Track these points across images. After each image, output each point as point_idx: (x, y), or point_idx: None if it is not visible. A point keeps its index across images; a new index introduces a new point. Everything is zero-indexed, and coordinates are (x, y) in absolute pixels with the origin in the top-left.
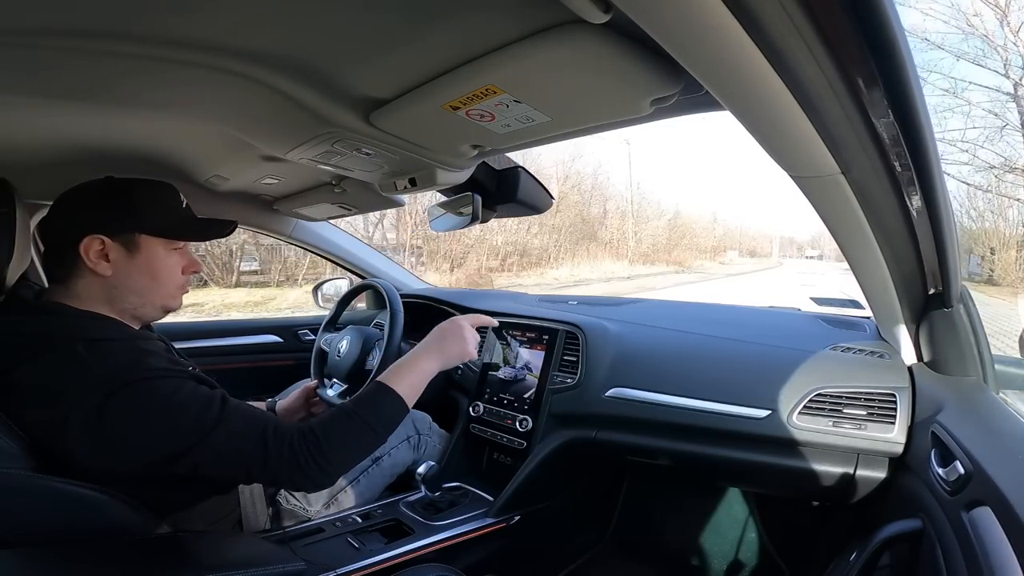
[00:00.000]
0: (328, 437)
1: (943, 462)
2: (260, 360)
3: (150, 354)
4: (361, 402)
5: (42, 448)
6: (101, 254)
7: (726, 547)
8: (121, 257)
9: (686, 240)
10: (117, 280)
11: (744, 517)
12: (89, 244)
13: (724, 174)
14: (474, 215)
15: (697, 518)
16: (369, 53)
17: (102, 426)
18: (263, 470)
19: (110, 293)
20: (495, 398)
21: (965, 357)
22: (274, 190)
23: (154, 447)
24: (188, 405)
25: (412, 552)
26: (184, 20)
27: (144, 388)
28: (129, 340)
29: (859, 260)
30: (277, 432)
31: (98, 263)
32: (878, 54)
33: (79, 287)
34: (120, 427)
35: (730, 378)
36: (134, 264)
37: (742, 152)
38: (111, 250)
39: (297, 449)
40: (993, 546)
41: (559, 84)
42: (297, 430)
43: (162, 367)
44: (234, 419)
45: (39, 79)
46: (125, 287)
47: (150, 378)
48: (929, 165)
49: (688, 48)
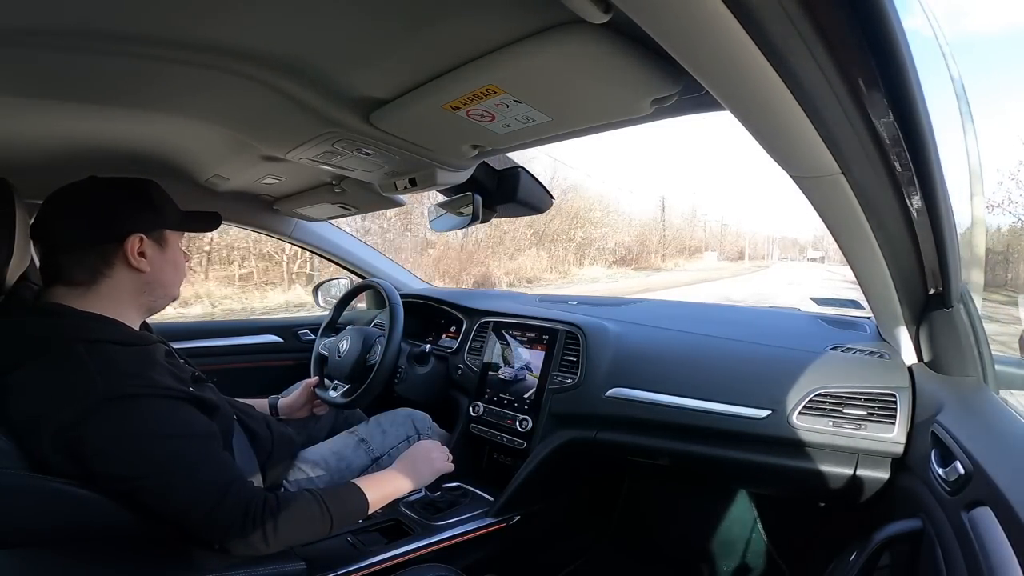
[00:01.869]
0: (288, 512)
1: (943, 462)
2: (260, 360)
3: (153, 366)
4: (331, 494)
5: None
6: (140, 252)
7: (726, 547)
8: (156, 253)
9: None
10: (152, 276)
11: (744, 517)
12: (133, 244)
13: (709, 170)
14: (474, 215)
15: (697, 518)
16: (369, 53)
17: (75, 434)
18: (202, 520)
19: (141, 288)
20: (495, 398)
21: (965, 357)
22: (274, 190)
23: (111, 466)
24: (165, 440)
25: (412, 552)
26: (184, 21)
27: (131, 406)
28: (132, 345)
29: (859, 260)
30: (242, 490)
31: (140, 261)
32: (878, 54)
33: (102, 287)
34: (92, 439)
35: (730, 378)
36: (165, 258)
37: (739, 151)
38: (148, 247)
39: (252, 511)
40: (993, 546)
41: (559, 84)
42: (261, 496)
43: (163, 384)
44: (206, 464)
45: (40, 79)
46: (157, 281)
47: (144, 395)
48: (929, 165)
49: (688, 48)
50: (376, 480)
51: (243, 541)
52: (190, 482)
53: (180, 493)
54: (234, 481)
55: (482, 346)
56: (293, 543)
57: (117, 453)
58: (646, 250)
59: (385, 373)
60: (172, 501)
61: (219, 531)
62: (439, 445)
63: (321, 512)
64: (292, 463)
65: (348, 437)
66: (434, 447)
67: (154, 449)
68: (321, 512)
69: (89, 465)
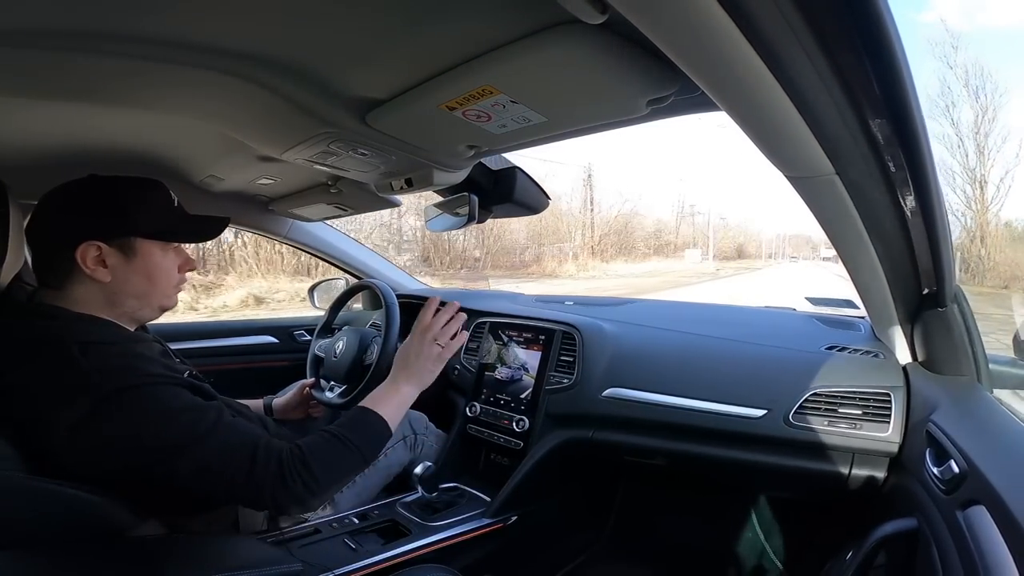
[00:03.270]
0: (315, 456)
1: (938, 461)
2: (256, 361)
3: (146, 359)
4: (346, 425)
5: (32, 450)
6: (98, 260)
7: (722, 547)
8: (119, 262)
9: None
10: (116, 285)
11: (740, 517)
12: (86, 251)
13: (703, 159)
14: (470, 215)
15: (693, 518)
16: (366, 53)
17: (90, 431)
18: (246, 485)
19: (109, 298)
20: (492, 398)
21: (959, 356)
22: (270, 190)
23: (138, 454)
24: (179, 414)
25: (409, 553)
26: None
27: (137, 394)
28: (124, 343)
29: (854, 260)
30: (268, 448)
31: (96, 270)
32: (872, 55)
33: (76, 292)
34: (109, 432)
35: (726, 378)
36: (132, 268)
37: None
38: (108, 256)
39: (286, 465)
40: (988, 545)
41: (556, 84)
42: (287, 447)
43: (157, 373)
44: (225, 432)
45: (34, 79)
46: (124, 292)
47: (144, 384)
48: (923, 165)
49: (684, 49)
50: (380, 395)
51: (289, 494)
52: (220, 447)
53: (214, 461)
54: (259, 438)
55: (479, 346)
56: (337, 484)
57: (141, 435)
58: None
59: (381, 373)
60: (212, 470)
61: (265, 489)
62: (428, 324)
63: (347, 447)
64: None
65: None
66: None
67: (174, 423)
68: (347, 447)
69: (114, 461)
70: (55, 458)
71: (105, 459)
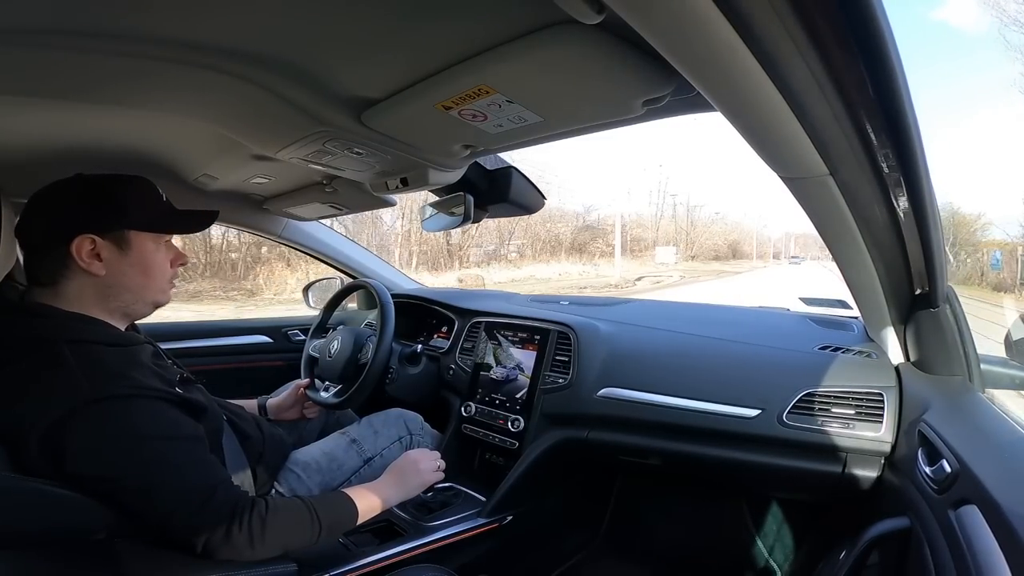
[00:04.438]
0: (277, 517)
1: (930, 461)
2: (249, 361)
3: (138, 366)
4: (322, 502)
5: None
6: (93, 254)
7: (717, 547)
8: (113, 255)
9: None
10: (111, 279)
11: (735, 516)
12: (80, 245)
13: (697, 148)
14: (466, 215)
15: (688, 518)
16: (361, 52)
17: (65, 429)
18: (187, 523)
19: (103, 292)
20: (487, 398)
21: (951, 357)
22: (264, 189)
23: (93, 466)
24: (147, 441)
25: (404, 553)
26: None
27: (115, 407)
28: (117, 345)
29: (847, 261)
30: (227, 492)
31: (91, 263)
32: (866, 56)
33: (68, 289)
34: (77, 437)
35: (720, 378)
36: (127, 261)
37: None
38: (103, 249)
39: (239, 513)
40: (980, 544)
41: (552, 84)
42: (250, 498)
43: (145, 385)
44: (188, 470)
45: (26, 78)
46: (119, 285)
47: (130, 396)
48: (916, 167)
49: (680, 49)
50: (366, 490)
51: (227, 545)
52: (174, 484)
53: (163, 495)
54: (220, 484)
55: (474, 346)
56: (280, 549)
57: (100, 454)
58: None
59: (376, 373)
60: (155, 503)
61: (202, 534)
62: (428, 453)
63: (311, 519)
64: (283, 464)
65: (339, 438)
66: (423, 456)
67: (138, 450)
68: (311, 519)
69: (71, 466)
70: (27, 458)
71: (65, 462)
